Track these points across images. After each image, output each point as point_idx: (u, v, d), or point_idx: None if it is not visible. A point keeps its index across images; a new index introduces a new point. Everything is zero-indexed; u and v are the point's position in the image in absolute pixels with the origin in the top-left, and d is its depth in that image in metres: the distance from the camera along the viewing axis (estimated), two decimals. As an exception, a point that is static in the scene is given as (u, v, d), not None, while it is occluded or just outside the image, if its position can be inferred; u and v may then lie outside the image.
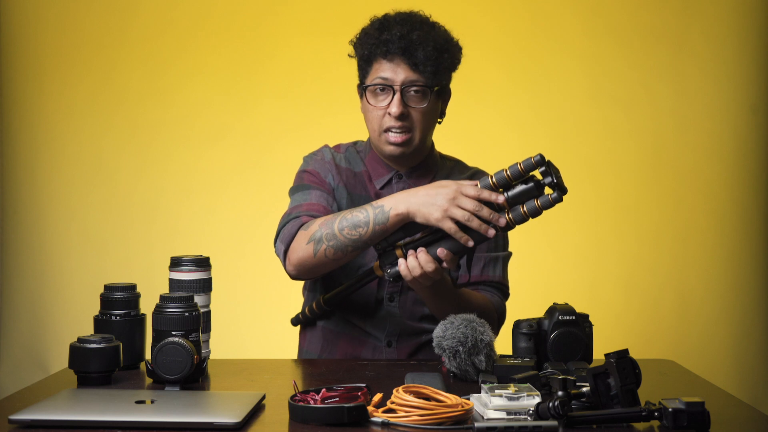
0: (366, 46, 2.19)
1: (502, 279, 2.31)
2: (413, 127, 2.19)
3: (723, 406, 1.74)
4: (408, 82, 2.16)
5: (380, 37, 2.16)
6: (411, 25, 2.17)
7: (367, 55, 2.19)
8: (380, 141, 2.22)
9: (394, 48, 2.15)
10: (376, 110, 2.19)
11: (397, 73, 2.16)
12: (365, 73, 2.22)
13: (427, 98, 2.18)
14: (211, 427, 1.53)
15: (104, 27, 3.77)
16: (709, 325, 3.69)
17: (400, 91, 2.16)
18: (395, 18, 2.20)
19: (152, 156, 3.78)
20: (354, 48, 2.25)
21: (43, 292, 3.77)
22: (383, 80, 2.17)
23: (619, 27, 3.73)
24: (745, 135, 3.67)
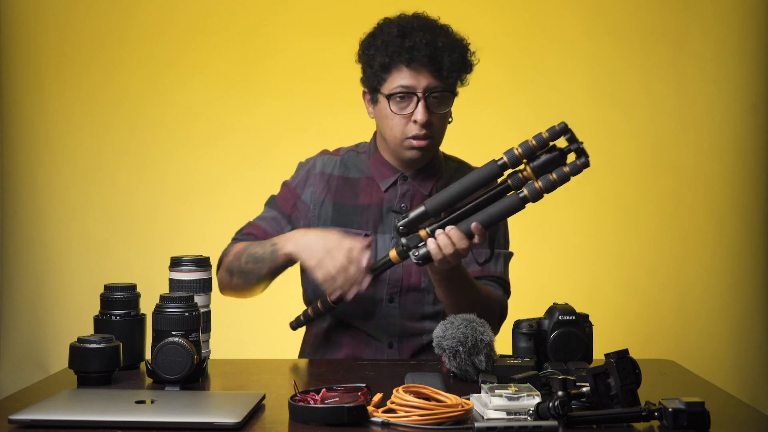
0: (385, 54, 2.15)
1: (504, 275, 2.32)
2: (434, 133, 2.21)
3: (723, 406, 1.74)
4: (431, 88, 2.16)
5: (403, 44, 2.14)
6: (433, 32, 2.16)
7: (388, 62, 2.16)
8: (401, 146, 2.21)
9: (420, 55, 2.13)
10: (398, 117, 2.18)
11: (419, 80, 2.15)
12: (381, 80, 2.18)
13: (449, 103, 2.20)
14: (211, 427, 1.53)
15: (104, 27, 3.77)
16: (709, 325, 3.69)
17: (424, 99, 2.15)
18: (414, 24, 2.17)
19: (152, 156, 3.78)
20: (365, 54, 2.21)
21: (43, 292, 3.77)
22: (405, 88, 2.15)
23: (619, 27, 3.73)
24: (745, 135, 3.67)
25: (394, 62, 2.15)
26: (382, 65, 2.17)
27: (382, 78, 2.18)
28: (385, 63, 2.16)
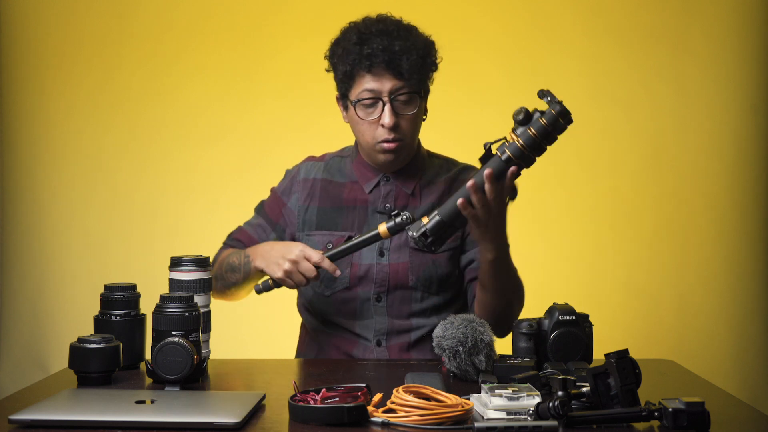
0: (347, 62, 2.19)
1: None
2: (405, 134, 2.21)
3: (723, 406, 1.73)
4: (395, 90, 2.17)
5: (362, 51, 2.16)
6: (390, 36, 2.17)
7: (350, 70, 2.19)
8: (374, 151, 2.23)
9: (378, 61, 2.16)
10: (366, 123, 2.20)
11: (383, 83, 2.17)
12: (347, 86, 2.22)
13: (416, 104, 2.20)
14: (211, 427, 1.53)
15: (104, 27, 3.77)
16: (709, 325, 3.68)
17: (389, 102, 2.17)
18: (372, 29, 2.19)
19: (152, 156, 3.77)
20: (330, 62, 2.26)
21: (43, 292, 3.77)
22: (370, 92, 2.17)
23: (619, 27, 3.73)
24: (745, 135, 3.67)
25: (356, 69, 2.18)
26: (344, 73, 2.21)
27: (348, 85, 2.22)
28: (348, 71, 2.20)
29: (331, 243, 2.26)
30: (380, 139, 2.20)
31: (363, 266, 2.25)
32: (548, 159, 3.96)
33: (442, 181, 2.33)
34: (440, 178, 2.33)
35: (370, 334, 2.25)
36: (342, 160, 2.36)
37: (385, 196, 2.29)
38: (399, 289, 2.25)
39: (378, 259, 2.26)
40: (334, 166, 2.35)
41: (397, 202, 2.28)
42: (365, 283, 2.25)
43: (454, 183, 2.32)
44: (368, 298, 2.25)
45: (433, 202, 2.29)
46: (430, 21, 2.31)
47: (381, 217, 2.26)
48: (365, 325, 2.25)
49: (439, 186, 2.32)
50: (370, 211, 2.28)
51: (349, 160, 2.35)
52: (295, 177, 2.37)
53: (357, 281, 2.25)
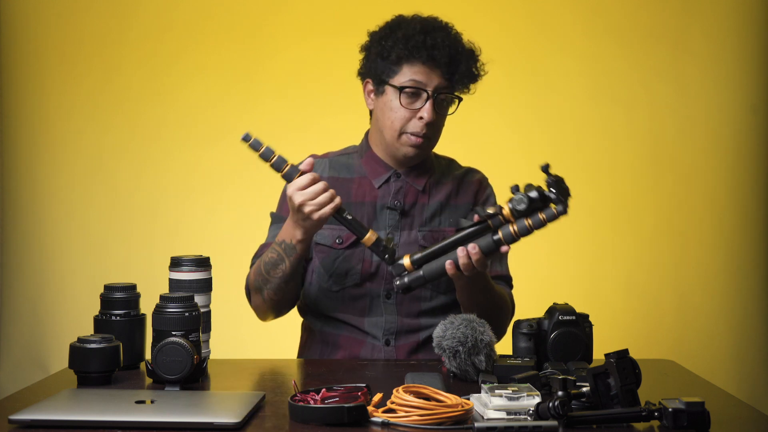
0: (405, 47, 2.18)
1: (508, 272, 2.36)
2: (435, 133, 2.24)
3: (723, 406, 1.74)
4: (441, 88, 2.19)
5: (425, 41, 2.17)
6: (453, 38, 2.21)
7: (406, 55, 2.18)
8: (398, 141, 2.23)
9: (439, 55, 2.17)
10: (403, 111, 2.20)
11: (431, 78, 2.18)
12: (392, 72, 2.20)
13: (453, 106, 2.24)
14: (211, 427, 1.53)
15: (104, 27, 3.77)
16: (709, 325, 3.68)
17: (433, 97, 2.18)
18: (435, 24, 2.22)
19: (152, 156, 3.78)
20: (380, 45, 2.22)
21: (43, 292, 3.77)
22: (416, 83, 2.18)
23: (619, 27, 3.73)
24: (745, 135, 3.67)
25: (413, 56, 2.18)
26: (399, 57, 2.19)
27: (394, 70, 2.20)
28: (403, 56, 2.18)
29: (341, 237, 2.25)
30: (412, 130, 2.20)
31: (374, 263, 2.24)
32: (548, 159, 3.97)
33: (449, 180, 2.34)
34: (448, 178, 2.34)
35: (379, 333, 2.24)
36: (348, 158, 2.35)
37: (395, 193, 2.28)
38: None
39: None
40: (340, 162, 2.34)
41: (407, 199, 2.28)
42: (376, 280, 2.24)
43: (461, 184, 2.34)
44: (378, 295, 2.25)
45: (442, 201, 2.30)
46: (430, 21, 2.30)
47: (390, 213, 2.26)
48: (374, 322, 2.24)
49: (447, 185, 2.33)
50: (378, 207, 2.28)
51: (356, 156, 2.34)
52: None
53: (367, 277, 2.24)
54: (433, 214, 2.29)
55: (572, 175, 3.85)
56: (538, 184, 1.98)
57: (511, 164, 3.64)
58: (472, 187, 2.35)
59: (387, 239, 2.07)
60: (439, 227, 2.29)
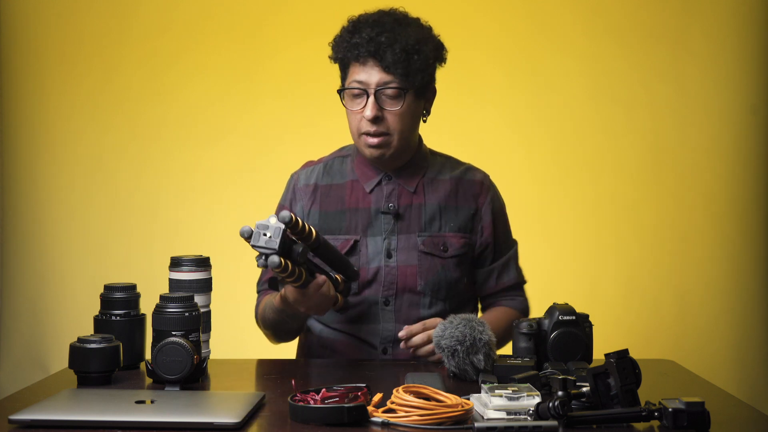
0: (340, 50, 2.20)
1: (517, 277, 2.35)
2: (390, 130, 2.18)
3: (723, 406, 1.74)
4: (382, 84, 2.15)
5: (351, 40, 2.17)
6: (381, 27, 2.16)
7: (341, 59, 2.20)
8: (360, 144, 2.22)
9: (364, 51, 2.15)
10: (353, 114, 2.20)
11: (370, 75, 2.16)
12: (344, 76, 2.23)
13: (402, 100, 2.16)
14: (211, 427, 1.53)
15: (104, 27, 3.77)
16: (709, 325, 3.68)
17: (374, 94, 2.15)
18: (367, 19, 2.19)
19: (152, 156, 3.77)
20: (332, 51, 2.25)
21: (43, 292, 3.77)
22: (358, 83, 2.17)
23: (619, 27, 3.73)
24: (745, 135, 3.67)
25: (347, 58, 2.19)
26: (338, 62, 2.22)
27: (343, 75, 2.23)
28: (339, 60, 2.21)
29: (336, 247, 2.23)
30: (362, 131, 2.19)
31: (371, 270, 2.21)
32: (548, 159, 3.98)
33: (447, 179, 2.30)
34: (445, 176, 2.30)
35: (376, 341, 2.22)
36: (343, 160, 2.33)
37: (387, 196, 2.25)
38: (407, 293, 2.22)
39: (386, 261, 2.22)
40: (334, 167, 2.33)
41: (400, 201, 2.25)
42: (373, 287, 2.22)
43: (460, 184, 2.30)
44: (376, 302, 2.22)
45: (440, 203, 2.27)
46: (430, 21, 2.30)
47: (385, 218, 2.24)
48: (371, 330, 2.22)
49: (444, 184, 2.29)
50: (373, 211, 2.25)
51: (350, 159, 2.32)
52: (296, 185, 2.34)
53: (365, 285, 2.22)
54: (431, 218, 2.26)
55: (572, 174, 3.89)
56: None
57: (511, 164, 3.66)
58: (473, 189, 2.31)
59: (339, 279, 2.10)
60: (440, 232, 2.25)
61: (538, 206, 3.71)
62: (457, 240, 2.25)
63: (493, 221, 2.30)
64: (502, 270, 2.32)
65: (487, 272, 2.31)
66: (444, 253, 2.24)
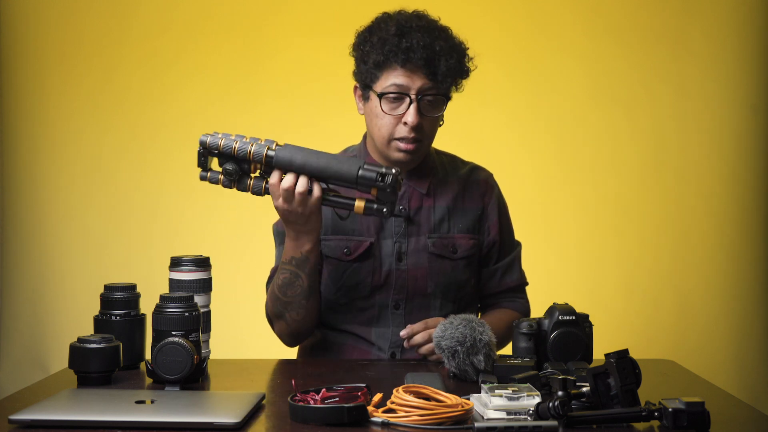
0: (381, 52, 2.12)
1: (520, 279, 2.34)
2: (425, 136, 2.17)
3: (723, 406, 1.74)
4: (424, 89, 2.12)
5: (400, 44, 2.10)
6: (432, 33, 2.12)
7: (383, 60, 2.12)
8: (389, 148, 2.17)
9: (416, 57, 2.10)
10: (388, 117, 2.14)
11: (413, 80, 2.12)
12: (374, 77, 2.15)
13: (441, 107, 2.16)
14: (211, 427, 1.53)
15: (104, 27, 3.77)
16: (709, 325, 3.68)
17: (417, 100, 2.12)
18: (413, 23, 2.13)
19: (152, 156, 3.77)
20: (360, 49, 2.18)
21: (43, 292, 3.77)
22: (399, 87, 2.12)
23: (619, 27, 3.73)
24: (745, 135, 3.67)
25: (390, 61, 2.12)
26: (376, 63, 2.13)
27: (375, 75, 2.15)
28: (380, 61, 2.12)
29: (348, 248, 2.20)
30: (399, 136, 2.14)
31: (383, 273, 2.19)
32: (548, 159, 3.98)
33: (454, 181, 2.29)
34: (452, 178, 2.29)
35: (385, 345, 2.21)
36: None
37: (399, 198, 2.21)
38: (417, 296, 2.21)
39: (397, 265, 2.20)
40: None
41: (411, 203, 2.24)
42: (384, 290, 2.20)
43: (467, 185, 2.29)
44: (386, 306, 2.21)
45: (449, 204, 2.25)
46: (430, 21, 2.30)
47: (396, 220, 2.22)
48: (381, 333, 2.21)
49: (452, 186, 2.28)
50: None
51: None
52: None
53: (377, 289, 2.20)
54: (441, 220, 2.24)
55: (572, 174, 3.89)
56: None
57: (511, 164, 3.65)
58: (479, 189, 2.30)
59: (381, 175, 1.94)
60: (449, 233, 2.24)
61: (538, 206, 3.71)
62: (466, 241, 2.24)
63: (498, 220, 2.30)
64: (506, 270, 2.32)
65: (491, 272, 2.31)
66: (453, 254, 2.23)
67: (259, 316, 3.56)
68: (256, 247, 3.03)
